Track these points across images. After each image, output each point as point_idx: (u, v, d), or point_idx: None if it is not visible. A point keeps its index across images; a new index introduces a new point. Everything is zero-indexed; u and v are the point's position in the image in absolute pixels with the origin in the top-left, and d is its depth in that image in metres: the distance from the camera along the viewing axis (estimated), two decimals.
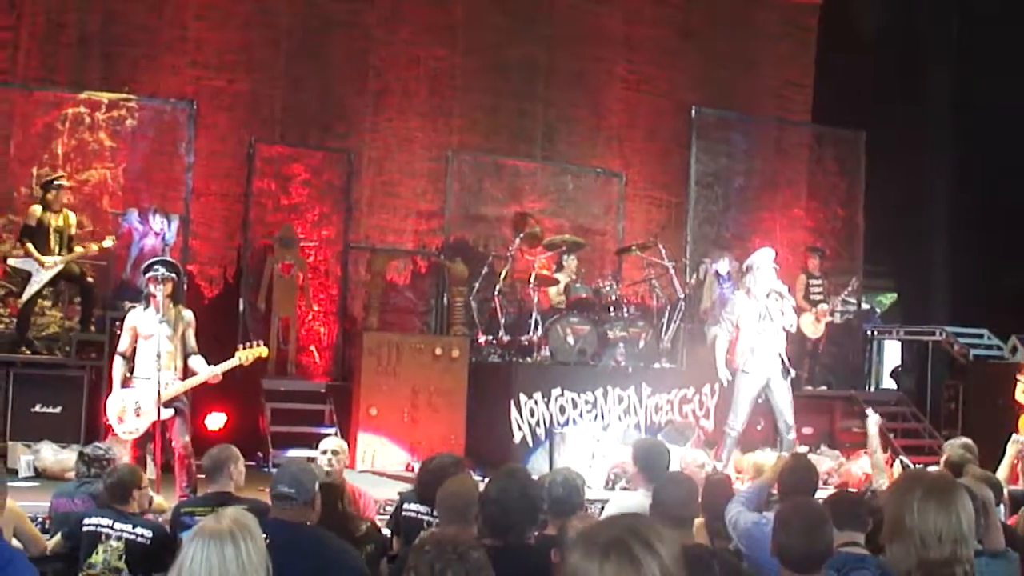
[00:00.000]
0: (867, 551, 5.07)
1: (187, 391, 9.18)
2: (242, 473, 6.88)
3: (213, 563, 3.28)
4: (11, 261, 12.05)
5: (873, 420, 8.30)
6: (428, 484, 6.09)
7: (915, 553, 3.62)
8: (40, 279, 11.75)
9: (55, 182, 11.96)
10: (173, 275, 9.13)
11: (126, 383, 9.04)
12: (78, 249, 11.94)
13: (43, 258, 11.63)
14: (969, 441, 8.58)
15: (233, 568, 3.26)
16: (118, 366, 9.12)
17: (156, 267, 9.09)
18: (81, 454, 7.59)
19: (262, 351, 9.37)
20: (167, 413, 8.88)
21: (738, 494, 6.00)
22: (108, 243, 12.19)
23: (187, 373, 9.15)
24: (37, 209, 11.81)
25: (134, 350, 9.07)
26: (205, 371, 9.07)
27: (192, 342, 9.19)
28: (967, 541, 3.66)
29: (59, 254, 11.74)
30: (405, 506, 6.53)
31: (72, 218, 12.02)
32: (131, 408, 8.92)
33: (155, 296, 8.94)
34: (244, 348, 9.24)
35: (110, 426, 9.14)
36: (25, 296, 11.87)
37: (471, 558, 3.63)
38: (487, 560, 3.70)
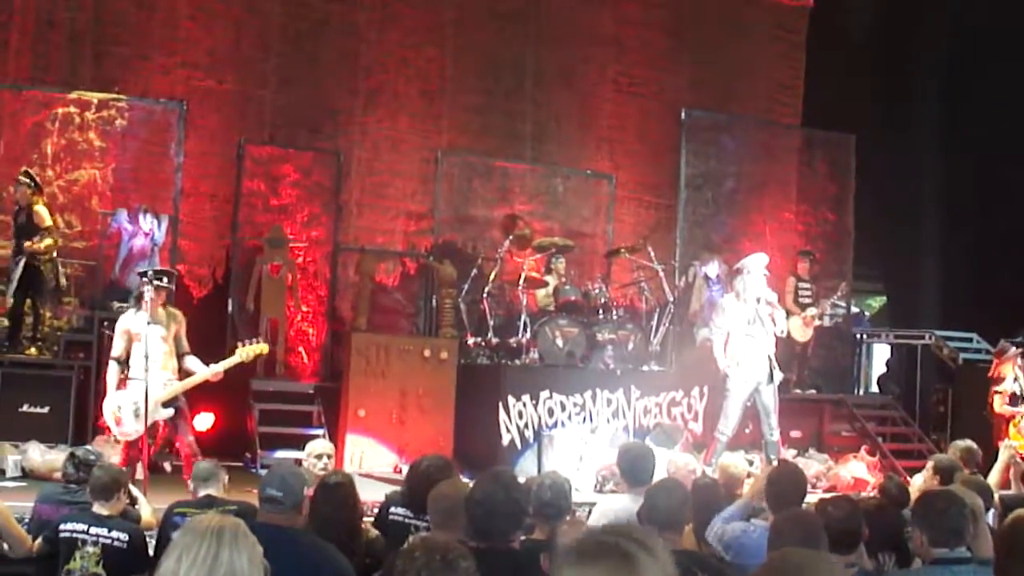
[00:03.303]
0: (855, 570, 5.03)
1: (185, 390, 9.21)
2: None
3: (207, 563, 3.21)
4: None
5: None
6: (416, 488, 6.04)
7: None
8: None
9: None
10: (172, 287, 9.23)
11: (121, 386, 9.05)
12: None
13: None
14: (971, 444, 8.60)
15: (223, 571, 3.20)
16: (113, 370, 9.15)
17: (161, 277, 9.12)
18: (72, 455, 7.45)
19: (263, 348, 9.43)
20: (168, 413, 8.90)
21: (719, 515, 5.97)
22: None
23: (182, 372, 9.15)
24: None
25: (128, 353, 9.07)
26: (206, 369, 9.10)
27: (184, 341, 9.21)
28: None
29: None
30: (392, 509, 6.43)
31: None
32: (129, 410, 8.93)
33: (146, 299, 8.94)
34: (245, 345, 9.25)
35: (108, 428, 9.13)
36: None
37: (460, 567, 3.59)
38: (476, 570, 3.67)
